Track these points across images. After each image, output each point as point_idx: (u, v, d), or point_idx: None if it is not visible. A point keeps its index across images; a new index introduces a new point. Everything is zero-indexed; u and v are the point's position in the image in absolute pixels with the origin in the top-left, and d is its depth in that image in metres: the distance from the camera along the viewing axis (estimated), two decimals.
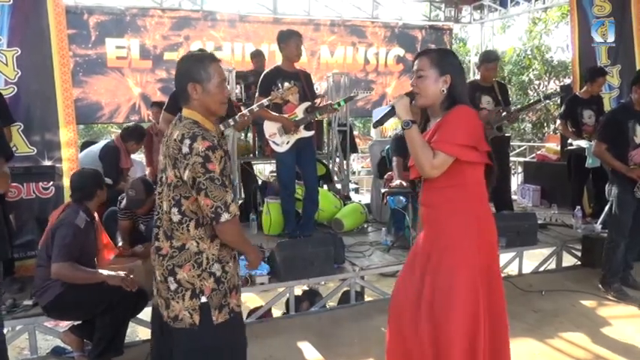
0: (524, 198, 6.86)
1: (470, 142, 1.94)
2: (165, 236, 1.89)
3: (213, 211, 1.79)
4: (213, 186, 1.77)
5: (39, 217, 3.76)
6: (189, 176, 1.77)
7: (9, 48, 3.77)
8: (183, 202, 1.84)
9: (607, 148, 3.90)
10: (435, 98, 2.01)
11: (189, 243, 1.86)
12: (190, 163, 1.76)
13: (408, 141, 1.98)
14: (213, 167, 1.76)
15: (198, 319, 1.86)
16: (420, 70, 2.01)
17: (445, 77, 1.99)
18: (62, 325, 3.42)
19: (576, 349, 3.16)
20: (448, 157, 1.92)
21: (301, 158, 4.43)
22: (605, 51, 6.06)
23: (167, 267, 1.87)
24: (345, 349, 3.18)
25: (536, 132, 14.46)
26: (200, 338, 1.86)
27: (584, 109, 5.26)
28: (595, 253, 4.48)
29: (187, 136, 1.78)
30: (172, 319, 1.88)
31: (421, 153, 1.93)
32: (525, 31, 14.92)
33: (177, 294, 1.86)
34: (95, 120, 8.09)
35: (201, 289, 1.86)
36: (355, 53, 9.00)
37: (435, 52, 2.05)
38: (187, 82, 1.87)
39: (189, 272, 1.86)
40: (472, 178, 2.00)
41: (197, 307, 1.85)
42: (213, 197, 1.77)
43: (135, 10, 7.53)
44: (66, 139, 3.97)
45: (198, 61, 1.90)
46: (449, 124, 1.94)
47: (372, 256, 4.23)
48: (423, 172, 1.98)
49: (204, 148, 1.75)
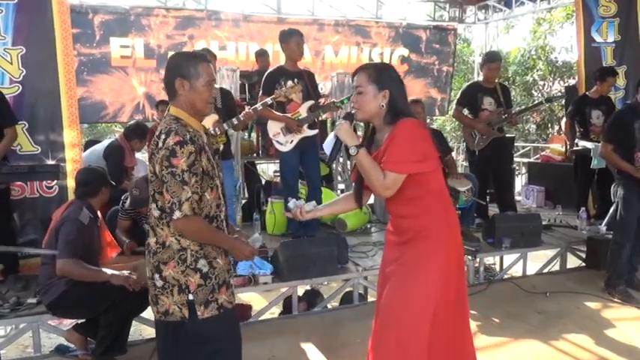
0: (528, 199, 6.84)
1: (416, 156, 1.92)
2: (152, 232, 1.91)
3: (169, 207, 1.79)
4: (173, 181, 1.77)
5: (43, 216, 3.77)
6: (158, 170, 1.80)
7: (14, 47, 3.79)
8: (158, 197, 1.85)
9: (613, 149, 3.88)
10: (374, 113, 2.01)
11: (169, 240, 1.86)
12: (159, 156, 1.78)
13: (358, 166, 1.98)
14: (177, 162, 1.76)
15: (187, 312, 1.87)
16: (359, 86, 2.01)
17: (384, 92, 1.98)
18: (66, 323, 3.42)
19: (580, 350, 3.14)
20: (399, 176, 1.91)
21: (305, 158, 4.43)
22: (611, 51, 6.04)
23: (154, 263, 1.88)
24: (348, 350, 3.17)
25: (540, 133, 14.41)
26: (191, 330, 1.88)
27: (593, 109, 5.24)
28: (600, 254, 4.45)
29: (164, 131, 1.80)
30: (163, 313, 1.89)
31: (372, 176, 1.93)
32: (530, 31, 14.88)
33: (164, 290, 1.87)
34: (99, 119, 8.11)
35: (186, 285, 1.86)
36: (360, 53, 8.99)
37: (373, 68, 2.04)
38: (175, 77, 1.89)
39: (174, 269, 1.86)
40: (435, 185, 2.01)
41: (185, 302, 1.86)
42: (171, 192, 1.78)
43: (139, 9, 7.54)
44: (70, 138, 3.98)
45: (188, 58, 1.94)
46: (393, 143, 1.92)
47: (376, 257, 4.21)
48: (377, 194, 2.00)
49: (173, 143, 1.76)
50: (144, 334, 3.99)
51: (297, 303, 3.85)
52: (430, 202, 1.99)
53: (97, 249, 3.07)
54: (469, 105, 5.09)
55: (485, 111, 4.94)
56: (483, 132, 4.91)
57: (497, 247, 4.40)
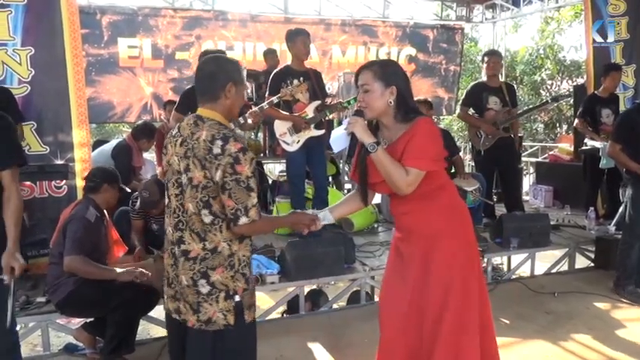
0: (536, 199, 6.79)
1: (439, 154, 2.00)
2: (198, 238, 1.84)
3: (233, 213, 1.78)
4: (237, 188, 1.76)
5: (52, 216, 3.78)
6: (220, 176, 1.76)
7: (23, 47, 3.81)
8: (212, 202, 1.82)
9: (621, 149, 3.85)
10: (382, 110, 2.01)
11: (221, 245, 1.84)
12: (222, 163, 1.75)
13: (377, 163, 1.96)
14: (241, 169, 1.76)
15: (233, 319, 1.85)
16: (365, 84, 2.00)
17: (391, 89, 1.98)
18: (74, 322, 3.45)
19: (589, 351, 3.12)
20: (420, 173, 1.95)
21: (311, 158, 4.43)
22: (620, 50, 5.99)
23: (199, 270, 1.84)
24: (355, 350, 3.16)
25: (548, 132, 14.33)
26: (233, 338, 1.87)
27: (603, 107, 5.20)
28: (609, 254, 4.42)
29: (218, 137, 1.77)
30: (204, 322, 1.85)
31: (394, 173, 1.93)
32: (538, 30, 14.79)
33: (210, 296, 1.84)
34: (107, 119, 8.15)
35: (234, 290, 1.86)
36: (367, 53, 8.98)
37: (378, 65, 2.04)
38: (228, 80, 1.87)
39: (223, 274, 1.84)
40: (445, 178, 2.11)
41: (231, 307, 1.85)
42: (235, 199, 1.77)
43: (147, 9, 7.57)
44: (79, 138, 4.00)
45: (235, 64, 1.95)
46: (416, 140, 1.94)
47: (383, 256, 4.20)
48: (399, 191, 1.99)
49: (236, 150, 1.75)
50: (152, 333, 4.01)
51: (303, 303, 3.85)
52: (440, 193, 2.06)
53: (104, 247, 3.09)
54: (474, 105, 5.08)
55: (491, 110, 4.92)
56: (489, 132, 4.89)
57: (505, 247, 4.38)
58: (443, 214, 2.06)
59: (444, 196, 2.07)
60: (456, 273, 2.01)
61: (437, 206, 2.05)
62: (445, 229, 2.04)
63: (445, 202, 2.07)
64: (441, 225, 2.04)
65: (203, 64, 1.97)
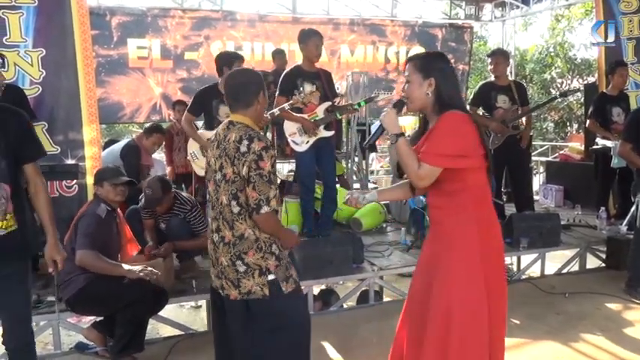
0: (546, 198, 6.75)
1: (455, 151, 1.92)
2: (228, 226, 2.11)
3: (256, 203, 2.03)
4: (260, 181, 2.02)
5: (63, 215, 3.81)
6: (245, 172, 2.02)
7: (34, 49, 3.85)
8: (240, 195, 2.07)
9: (632, 148, 3.81)
10: (422, 102, 2.03)
11: (247, 232, 2.09)
12: (248, 160, 2.01)
13: (397, 154, 2.03)
14: (264, 165, 2.02)
15: (268, 291, 2.10)
16: (407, 75, 2.06)
17: (429, 81, 1.99)
18: (85, 321, 3.47)
19: (601, 352, 3.09)
20: (434, 168, 1.93)
21: (321, 158, 4.42)
22: (632, 47, 5.92)
23: (234, 253, 2.10)
24: (364, 350, 3.16)
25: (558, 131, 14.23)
26: (272, 306, 2.12)
27: (613, 106, 5.15)
28: (620, 255, 4.38)
29: (245, 137, 2.04)
30: (245, 293, 2.10)
31: (407, 165, 1.97)
32: (548, 28, 14.68)
33: (247, 274, 2.09)
34: (117, 120, 8.20)
35: (267, 268, 2.10)
36: (375, 52, 8.95)
37: (420, 58, 2.10)
38: (259, 89, 2.17)
39: (254, 256, 2.10)
40: (473, 182, 2.00)
41: (266, 282, 2.09)
42: (258, 191, 2.02)
43: (156, 10, 7.60)
44: (89, 138, 4.04)
45: (260, 74, 2.28)
46: (434, 135, 1.95)
47: (391, 256, 4.20)
48: (413, 183, 2.04)
49: (259, 148, 2.02)
50: (161, 333, 4.03)
51: (312, 302, 3.86)
52: (464, 199, 1.99)
53: (115, 243, 3.13)
54: (483, 104, 5.04)
55: (500, 109, 4.89)
56: (497, 130, 4.86)
57: (514, 247, 4.35)
58: (461, 220, 2.00)
59: (467, 201, 1.99)
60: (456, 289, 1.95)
61: (457, 210, 2.00)
62: (459, 235, 1.99)
63: (465, 209, 1.99)
64: (455, 230, 2.00)
65: (235, 75, 2.26)
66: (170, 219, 3.75)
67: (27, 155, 2.20)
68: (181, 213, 3.76)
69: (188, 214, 3.76)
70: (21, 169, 2.20)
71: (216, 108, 4.15)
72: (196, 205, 3.85)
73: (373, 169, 11.21)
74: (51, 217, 2.26)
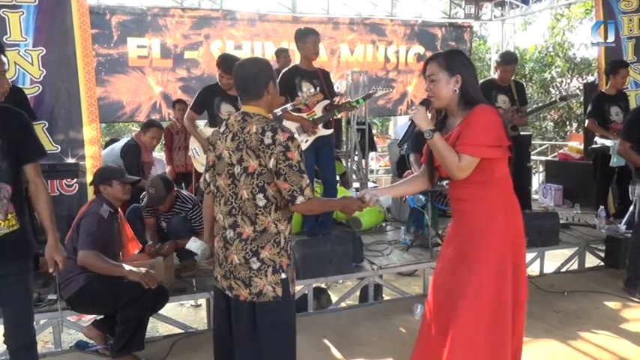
0: (545, 197, 6.76)
1: (491, 141, 2.02)
2: (249, 221, 2.05)
3: (290, 194, 2.00)
4: (291, 172, 1.98)
5: (63, 214, 3.83)
6: (273, 164, 1.98)
7: (34, 48, 3.86)
8: (267, 187, 2.02)
9: (631, 147, 3.82)
10: (449, 99, 2.10)
11: (270, 225, 2.05)
12: (275, 152, 1.97)
13: (433, 148, 2.09)
14: (292, 155, 1.98)
15: (281, 291, 2.06)
16: (432, 74, 2.10)
17: (456, 77, 2.07)
18: (85, 319, 3.49)
19: (599, 350, 3.10)
20: (474, 159, 2.01)
21: (320, 157, 4.43)
22: (632, 47, 5.92)
23: (251, 249, 2.05)
24: (363, 348, 3.17)
25: (558, 130, 14.23)
26: (282, 309, 2.08)
27: (612, 105, 5.15)
28: (619, 253, 4.40)
29: (268, 129, 2.00)
30: (256, 294, 2.05)
31: (447, 158, 2.03)
32: (548, 27, 14.67)
33: (260, 271, 2.04)
34: (116, 119, 8.21)
35: (280, 265, 2.07)
36: (375, 51, 8.96)
37: (443, 56, 2.13)
38: (269, 79, 2.10)
39: (270, 251, 2.05)
40: (499, 173, 2.10)
41: (279, 281, 2.06)
42: (290, 182, 1.99)
43: (156, 9, 7.61)
44: (89, 137, 4.04)
45: (269, 63, 2.18)
46: (472, 126, 2.02)
47: (391, 255, 4.21)
48: (452, 175, 2.08)
49: (284, 139, 1.98)
50: (161, 331, 4.04)
51: (312, 301, 3.87)
52: (491, 189, 2.09)
53: (117, 243, 3.13)
54: None
55: (499, 109, 4.87)
56: None
57: None
58: (489, 210, 2.08)
59: (494, 191, 2.09)
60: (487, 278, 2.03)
61: (485, 201, 2.09)
62: (488, 223, 2.07)
63: (493, 200, 2.09)
64: (483, 222, 2.08)
65: (244, 66, 2.15)
66: (171, 217, 3.76)
67: (28, 156, 2.20)
68: (182, 211, 3.77)
69: (189, 213, 3.77)
70: (22, 169, 2.20)
71: (217, 106, 4.18)
72: (197, 204, 3.86)
73: (373, 168, 11.22)
74: (52, 218, 2.27)
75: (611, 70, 5.21)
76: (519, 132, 5.01)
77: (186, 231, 3.73)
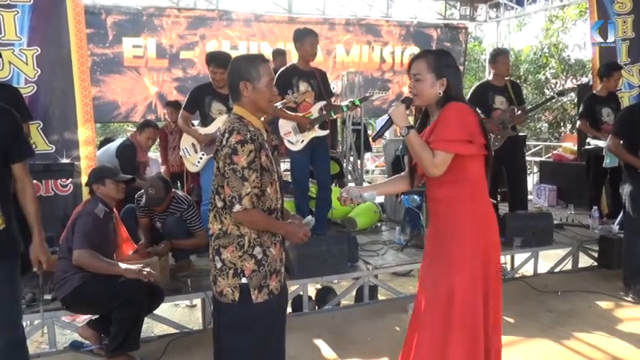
0: (539, 198, 6.79)
1: (464, 137, 2.00)
2: (217, 220, 2.04)
3: (229, 200, 1.94)
4: (233, 177, 1.92)
5: (58, 214, 3.83)
6: (221, 166, 1.96)
7: (29, 47, 3.84)
8: (221, 190, 2.00)
9: (621, 144, 3.84)
10: (431, 99, 2.10)
11: (230, 227, 2.01)
12: (222, 154, 1.94)
13: (409, 145, 2.09)
14: (237, 159, 1.91)
15: (238, 296, 2.01)
16: (417, 74, 2.08)
17: (442, 80, 2.06)
18: (80, 319, 3.48)
19: (592, 350, 3.12)
20: (447, 155, 2.00)
21: (315, 157, 4.44)
22: (626, 48, 5.96)
23: (214, 247, 2.05)
24: (358, 347, 3.18)
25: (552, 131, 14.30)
26: (238, 314, 2.03)
27: (603, 107, 5.18)
28: (612, 253, 4.43)
29: (227, 130, 1.95)
30: (219, 293, 2.05)
31: (421, 154, 2.03)
32: (542, 29, 14.75)
33: (222, 272, 2.03)
34: (112, 119, 8.19)
35: (242, 270, 2.01)
36: (371, 52, 8.98)
37: (432, 56, 2.11)
38: (239, 79, 2.02)
39: (232, 253, 2.01)
40: (473, 172, 2.08)
41: (237, 285, 2.01)
42: (231, 187, 1.93)
43: (151, 9, 7.59)
44: (84, 137, 4.03)
45: (249, 61, 2.07)
46: (442, 123, 2.02)
47: (386, 255, 4.23)
48: (427, 173, 2.07)
49: (234, 142, 1.91)
50: (156, 331, 4.03)
51: (307, 301, 3.87)
52: (464, 189, 2.07)
53: (112, 243, 3.13)
54: (480, 105, 5.00)
55: (497, 110, 4.88)
56: (496, 132, 4.84)
57: (508, 246, 4.38)
58: (461, 213, 2.07)
59: (467, 192, 2.07)
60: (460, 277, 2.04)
61: (457, 203, 2.08)
62: (459, 228, 2.07)
63: (465, 201, 2.07)
64: (455, 225, 2.08)
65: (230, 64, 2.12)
66: (166, 218, 3.76)
67: (15, 155, 2.20)
68: (177, 212, 3.77)
69: (184, 213, 3.77)
70: (9, 168, 2.20)
71: (208, 105, 4.18)
72: (192, 204, 3.87)
73: (368, 168, 11.24)
74: (37, 217, 2.26)
75: (605, 72, 5.23)
76: (518, 132, 5.01)
77: (181, 231, 3.73)
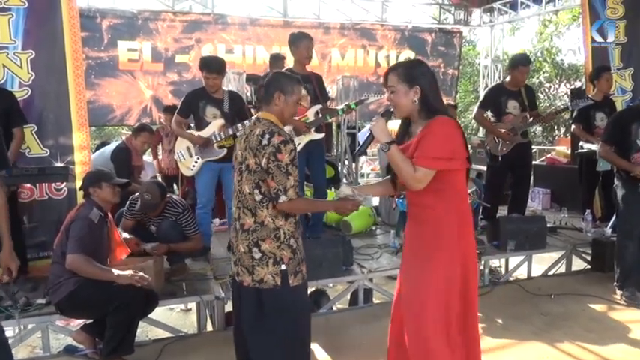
0: (533, 201, 6.82)
1: (447, 155, 2.04)
2: (250, 213, 2.26)
3: (274, 193, 2.18)
4: (278, 172, 2.16)
5: (51, 218, 3.81)
6: (264, 163, 2.17)
7: (24, 50, 3.83)
8: (261, 184, 2.22)
9: (611, 149, 3.87)
10: (409, 109, 2.13)
11: (267, 220, 2.23)
12: (267, 152, 2.16)
13: (390, 160, 2.14)
14: (281, 157, 2.16)
15: (280, 281, 2.24)
16: (391, 85, 2.14)
17: (415, 89, 2.09)
18: (74, 323, 3.46)
19: (585, 352, 3.14)
20: (429, 171, 2.04)
21: (311, 160, 4.45)
22: (618, 53, 6.02)
23: (252, 240, 2.25)
24: (352, 351, 3.19)
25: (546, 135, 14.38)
26: (281, 296, 2.26)
27: (597, 111, 5.17)
28: (604, 257, 4.45)
29: (267, 132, 2.19)
30: (258, 281, 2.25)
31: (403, 170, 2.07)
32: (535, 33, 14.87)
33: (261, 261, 2.24)
34: (107, 122, 8.18)
35: (281, 258, 2.24)
36: (366, 56, 9.03)
37: (402, 67, 2.16)
38: (275, 89, 2.30)
39: (271, 244, 2.24)
40: (453, 183, 2.13)
41: (278, 272, 2.23)
42: (276, 181, 2.17)
43: (147, 13, 7.62)
44: (79, 141, 4.02)
45: (289, 78, 2.38)
46: (428, 139, 2.04)
47: (381, 259, 4.24)
48: (409, 186, 2.11)
49: (278, 142, 2.16)
50: (150, 335, 4.02)
51: None
52: (445, 198, 2.11)
53: (106, 248, 3.12)
54: (493, 108, 4.97)
55: (509, 115, 4.82)
56: (505, 138, 4.79)
57: (502, 249, 4.41)
58: (442, 221, 2.11)
59: (448, 201, 2.11)
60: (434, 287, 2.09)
61: (439, 211, 2.11)
62: (440, 235, 2.11)
63: (447, 210, 2.11)
64: (436, 231, 2.12)
65: (264, 77, 2.41)
66: (161, 222, 3.75)
67: None
68: (172, 216, 3.76)
69: (179, 217, 3.77)
70: None
71: (203, 109, 4.18)
72: (187, 208, 3.86)
73: (364, 172, 11.26)
74: (7, 225, 2.29)
75: (595, 75, 5.24)
76: (529, 139, 4.99)
77: (177, 235, 3.73)
